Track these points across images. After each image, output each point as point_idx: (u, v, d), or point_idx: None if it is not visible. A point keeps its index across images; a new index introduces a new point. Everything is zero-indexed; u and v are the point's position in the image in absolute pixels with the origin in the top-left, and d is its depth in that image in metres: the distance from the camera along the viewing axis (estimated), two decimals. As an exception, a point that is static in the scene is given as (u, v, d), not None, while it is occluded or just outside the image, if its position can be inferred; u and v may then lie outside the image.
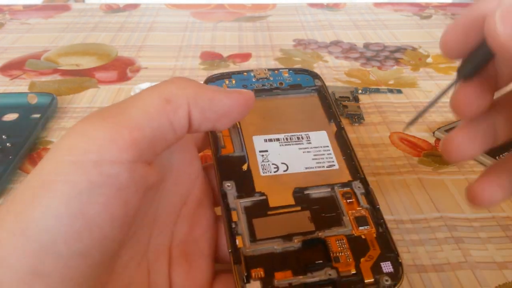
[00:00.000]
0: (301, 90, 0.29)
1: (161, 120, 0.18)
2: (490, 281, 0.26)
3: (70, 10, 0.69)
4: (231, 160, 0.25)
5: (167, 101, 0.18)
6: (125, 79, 0.49)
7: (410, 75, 0.50)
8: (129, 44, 0.57)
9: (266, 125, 0.27)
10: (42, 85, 0.47)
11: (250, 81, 0.29)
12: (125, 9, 0.69)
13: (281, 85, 0.29)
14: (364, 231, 0.22)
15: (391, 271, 0.21)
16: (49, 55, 0.54)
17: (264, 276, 0.20)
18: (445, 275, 0.27)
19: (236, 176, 0.24)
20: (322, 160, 0.25)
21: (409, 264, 0.28)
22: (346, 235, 0.22)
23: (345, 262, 0.21)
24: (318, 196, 0.24)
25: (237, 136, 0.26)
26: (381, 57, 0.55)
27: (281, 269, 0.21)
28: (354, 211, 0.23)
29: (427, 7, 0.71)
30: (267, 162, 0.25)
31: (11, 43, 0.57)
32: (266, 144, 0.26)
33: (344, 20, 0.66)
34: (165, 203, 0.22)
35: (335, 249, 0.22)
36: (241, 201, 0.23)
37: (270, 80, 0.29)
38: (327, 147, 0.26)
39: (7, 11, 0.67)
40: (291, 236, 0.22)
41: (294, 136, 0.26)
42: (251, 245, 0.21)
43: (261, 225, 0.22)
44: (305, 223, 0.22)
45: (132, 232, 0.20)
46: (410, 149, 0.38)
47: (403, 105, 0.44)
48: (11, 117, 0.40)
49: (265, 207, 0.23)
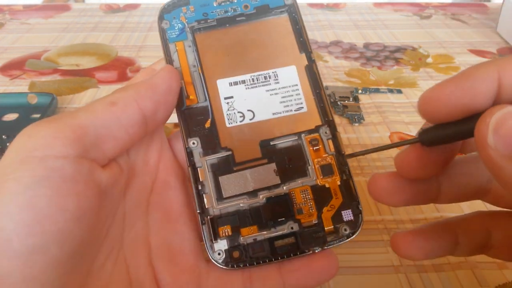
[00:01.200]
0: (268, 13, 0.25)
1: (106, 118, 0.19)
2: (490, 281, 0.26)
3: (70, 10, 0.69)
4: (195, 112, 0.23)
5: (112, 103, 0.19)
6: (125, 79, 0.49)
7: (410, 75, 0.50)
8: (129, 44, 0.57)
9: (230, 64, 0.24)
10: (42, 85, 0.47)
11: (211, 7, 0.25)
12: (125, 9, 0.69)
13: (246, 9, 0.25)
14: (328, 179, 0.22)
15: (351, 219, 0.22)
16: (49, 55, 0.54)
17: (230, 234, 0.22)
18: (445, 275, 0.27)
19: (201, 132, 0.23)
20: (290, 103, 0.24)
21: (409, 264, 0.28)
22: (311, 185, 0.22)
23: (307, 213, 0.22)
24: (285, 146, 0.23)
25: (200, 83, 0.24)
26: (381, 57, 0.55)
27: (247, 225, 0.22)
28: (320, 159, 0.23)
29: (427, 7, 0.71)
30: (232, 111, 0.23)
31: (11, 43, 0.57)
32: (231, 89, 0.24)
33: (344, 20, 0.66)
34: (131, 196, 0.22)
35: (298, 200, 0.22)
36: (207, 159, 0.23)
37: (234, 3, 0.25)
38: (296, 86, 0.24)
39: (7, 11, 0.67)
40: (257, 192, 0.22)
41: (261, 76, 0.24)
42: (218, 204, 0.22)
43: (227, 182, 0.22)
44: (271, 177, 0.22)
45: (104, 233, 0.20)
46: (410, 149, 0.38)
47: (403, 105, 0.44)
48: (11, 117, 0.40)
49: (232, 162, 0.23)
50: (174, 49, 0.24)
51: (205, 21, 0.25)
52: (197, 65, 0.24)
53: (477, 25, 0.64)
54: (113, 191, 0.20)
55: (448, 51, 0.56)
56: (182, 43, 0.24)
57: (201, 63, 0.24)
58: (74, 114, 0.19)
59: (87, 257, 0.19)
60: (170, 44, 0.25)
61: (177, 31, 0.25)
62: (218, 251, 0.21)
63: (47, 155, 0.17)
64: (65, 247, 0.17)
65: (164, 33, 0.25)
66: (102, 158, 0.19)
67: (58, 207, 0.16)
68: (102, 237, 0.20)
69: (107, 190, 0.19)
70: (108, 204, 0.20)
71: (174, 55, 0.24)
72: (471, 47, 0.57)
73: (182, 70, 0.24)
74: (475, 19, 0.66)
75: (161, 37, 0.25)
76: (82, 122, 0.18)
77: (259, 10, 0.25)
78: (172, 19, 0.25)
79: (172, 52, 0.24)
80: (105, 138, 0.19)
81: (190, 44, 0.24)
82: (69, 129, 0.18)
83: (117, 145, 0.20)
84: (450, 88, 0.16)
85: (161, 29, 0.25)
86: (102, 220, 0.19)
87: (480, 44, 0.58)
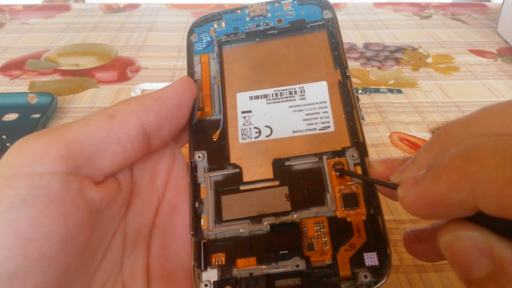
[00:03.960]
0: (303, 28, 0.23)
1: (103, 133, 0.18)
2: (490, 281, 0.26)
3: (70, 10, 0.69)
4: (207, 125, 0.22)
5: (111, 116, 0.18)
6: (125, 79, 0.49)
7: (410, 75, 0.50)
8: (129, 44, 0.57)
9: (255, 78, 0.23)
10: (42, 85, 0.47)
11: (243, 21, 0.24)
12: (125, 9, 0.69)
13: (280, 23, 0.24)
14: (350, 212, 0.19)
15: (375, 265, 0.17)
16: (49, 55, 0.54)
17: (224, 263, 0.18)
18: (445, 275, 0.27)
19: (209, 145, 0.21)
20: (315, 121, 0.21)
21: (409, 264, 0.28)
22: (328, 217, 0.19)
23: (320, 250, 0.18)
24: (301, 168, 0.20)
25: (218, 95, 0.22)
26: (381, 57, 0.55)
27: (245, 255, 0.18)
28: (343, 187, 0.19)
29: (427, 7, 0.71)
30: (248, 126, 0.21)
31: (11, 43, 0.57)
32: (250, 103, 0.22)
33: (344, 20, 0.66)
34: (133, 216, 0.20)
35: (311, 233, 0.19)
36: (211, 175, 0.20)
37: (267, 18, 0.24)
38: (324, 103, 0.21)
39: (7, 11, 0.67)
40: (261, 217, 0.19)
41: (285, 91, 0.22)
42: (215, 226, 0.19)
43: (229, 203, 0.20)
44: (281, 202, 0.19)
45: (100, 257, 0.19)
46: (410, 149, 0.38)
47: (403, 105, 0.44)
48: (11, 117, 0.40)
49: (238, 181, 0.20)
50: (198, 61, 0.24)
51: (234, 35, 0.24)
52: (217, 76, 0.23)
53: (477, 25, 0.64)
54: (109, 211, 0.19)
55: (448, 51, 0.56)
56: (207, 56, 0.24)
57: (223, 75, 0.23)
58: (69, 127, 0.18)
59: (79, 282, 0.17)
60: (195, 56, 0.24)
61: (205, 44, 0.24)
62: (206, 282, 0.18)
63: (34, 171, 0.16)
64: (49, 272, 0.15)
65: (191, 46, 0.24)
66: (97, 175, 0.18)
67: (43, 230, 0.15)
68: (98, 261, 0.18)
69: (101, 210, 0.18)
70: (103, 224, 0.19)
71: (197, 67, 0.24)
72: (471, 47, 0.57)
73: (203, 82, 0.23)
74: (475, 19, 0.66)
75: (187, 50, 0.24)
76: (76, 136, 0.17)
77: (293, 24, 0.24)
78: (202, 33, 0.24)
79: (195, 64, 0.24)
80: (101, 154, 0.18)
81: (215, 56, 0.24)
82: (61, 144, 0.17)
83: (115, 161, 0.19)
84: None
85: (188, 42, 0.24)
86: (95, 242, 0.18)
87: (480, 44, 0.58)
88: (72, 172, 0.17)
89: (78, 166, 0.17)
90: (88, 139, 0.17)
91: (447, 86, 0.48)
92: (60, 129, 0.18)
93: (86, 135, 0.18)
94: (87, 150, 0.17)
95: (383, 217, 0.19)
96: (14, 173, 0.16)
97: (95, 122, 0.18)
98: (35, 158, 0.16)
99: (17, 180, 0.16)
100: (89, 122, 0.18)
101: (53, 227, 0.16)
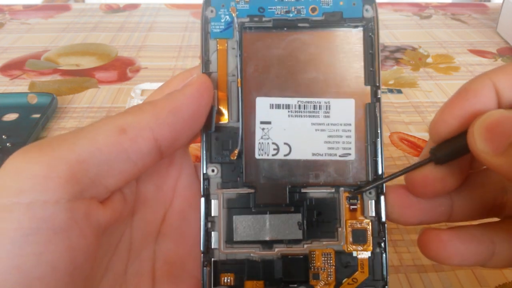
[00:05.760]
0: (339, 24, 0.20)
1: (112, 152, 0.16)
2: (490, 281, 0.26)
3: (70, 10, 0.69)
4: (223, 134, 0.20)
5: (122, 131, 0.16)
6: (125, 79, 0.49)
7: (410, 75, 0.50)
8: (129, 44, 0.57)
9: (277, 81, 0.20)
10: (42, 85, 0.47)
11: (271, 1, 0.20)
12: (125, 9, 0.69)
13: (314, 13, 0.20)
14: (357, 247, 0.19)
15: None
16: (49, 55, 0.54)
17: (233, 284, 0.19)
18: (445, 275, 0.27)
19: (224, 159, 0.20)
20: (336, 145, 0.20)
21: (409, 265, 0.28)
22: (336, 250, 0.19)
23: (324, 280, 0.19)
24: (317, 196, 0.20)
25: (237, 98, 0.20)
26: (381, 57, 0.55)
27: (254, 278, 0.19)
28: (354, 222, 0.20)
29: (427, 7, 0.71)
30: (266, 140, 0.20)
31: (11, 43, 0.57)
32: (271, 113, 0.20)
33: (344, 20, 0.66)
34: (139, 224, 0.20)
35: (318, 263, 0.19)
36: (224, 192, 0.20)
37: (300, 2, 0.20)
38: (349, 126, 0.20)
39: (7, 11, 0.67)
40: (273, 244, 0.19)
41: (310, 104, 0.20)
42: (226, 247, 0.19)
43: (242, 224, 0.19)
44: (293, 229, 0.19)
45: (103, 270, 0.18)
46: (410, 149, 0.38)
47: (403, 105, 0.44)
48: (11, 117, 0.40)
49: (252, 202, 0.20)
50: (215, 47, 0.20)
51: (259, 19, 0.20)
52: (237, 74, 0.20)
53: (477, 25, 0.64)
54: (115, 225, 0.18)
55: (448, 51, 0.56)
56: (226, 42, 0.20)
57: (244, 73, 0.20)
58: (73, 144, 0.16)
59: None
60: (211, 40, 0.20)
61: (223, 24, 0.20)
62: None
63: (36, 200, 0.14)
64: None
65: (206, 23, 0.20)
66: (103, 193, 0.17)
67: (48, 267, 0.14)
68: (101, 274, 0.18)
69: (108, 227, 0.17)
70: (110, 238, 0.18)
71: (213, 56, 0.20)
72: (471, 47, 0.57)
73: (219, 77, 0.20)
74: (475, 19, 0.66)
75: (201, 28, 0.20)
76: (81, 155, 0.15)
77: (328, 17, 0.20)
78: (220, 8, 0.20)
79: (211, 51, 0.20)
80: (108, 173, 0.16)
81: (235, 45, 0.20)
82: (65, 166, 0.15)
83: (122, 178, 0.17)
84: (453, 108, 0.17)
85: (203, 18, 0.20)
86: (100, 259, 0.17)
87: (480, 44, 0.58)
88: (77, 197, 0.15)
89: (83, 190, 0.15)
90: (95, 158, 0.16)
91: (447, 86, 0.48)
92: (63, 145, 0.16)
93: (93, 154, 0.16)
94: (93, 171, 0.16)
95: (387, 257, 0.20)
96: (13, 203, 0.14)
97: (103, 138, 0.16)
98: (36, 184, 0.14)
99: (16, 210, 0.14)
100: (96, 137, 0.16)
101: (59, 262, 0.14)
